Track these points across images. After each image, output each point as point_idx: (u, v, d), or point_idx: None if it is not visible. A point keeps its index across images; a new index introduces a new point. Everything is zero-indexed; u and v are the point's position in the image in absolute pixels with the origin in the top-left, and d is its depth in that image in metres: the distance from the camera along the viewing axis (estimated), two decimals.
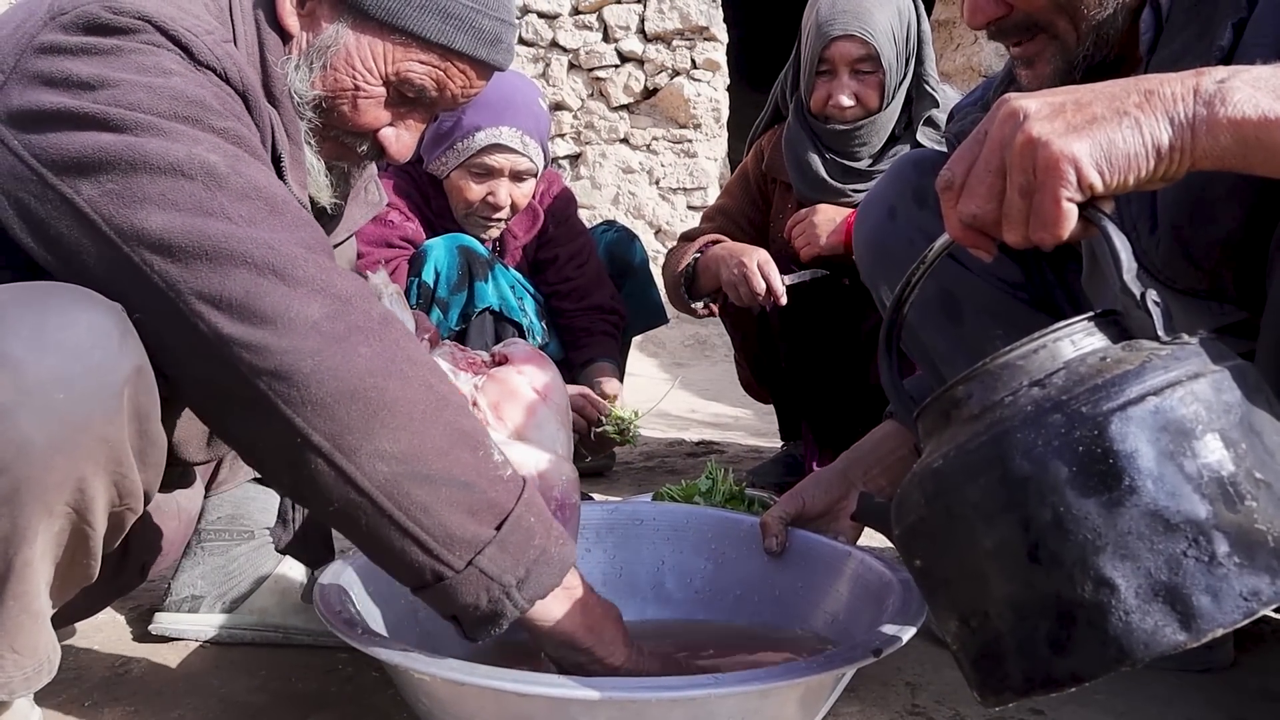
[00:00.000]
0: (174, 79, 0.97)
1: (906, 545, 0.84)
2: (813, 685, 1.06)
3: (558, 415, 1.34)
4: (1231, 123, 0.75)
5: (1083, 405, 0.72)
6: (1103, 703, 1.27)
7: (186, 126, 0.96)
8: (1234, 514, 0.68)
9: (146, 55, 0.98)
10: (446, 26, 1.17)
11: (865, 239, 1.58)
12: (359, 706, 1.29)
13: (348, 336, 0.92)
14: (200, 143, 0.95)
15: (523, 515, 0.97)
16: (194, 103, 0.97)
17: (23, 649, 0.98)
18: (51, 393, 0.88)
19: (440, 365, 1.32)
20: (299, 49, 1.18)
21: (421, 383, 0.95)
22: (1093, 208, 0.79)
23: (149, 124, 0.94)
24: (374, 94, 1.20)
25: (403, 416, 0.92)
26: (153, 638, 1.48)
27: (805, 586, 1.39)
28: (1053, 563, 0.71)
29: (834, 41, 2.22)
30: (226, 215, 0.93)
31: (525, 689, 0.96)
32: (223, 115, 0.99)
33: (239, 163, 0.96)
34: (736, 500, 1.81)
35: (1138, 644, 0.69)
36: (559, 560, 1.00)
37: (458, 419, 0.96)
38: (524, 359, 1.39)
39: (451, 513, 0.94)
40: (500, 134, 2.22)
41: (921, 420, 0.88)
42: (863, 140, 2.30)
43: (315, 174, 1.23)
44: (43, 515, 0.91)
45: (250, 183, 0.95)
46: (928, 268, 0.92)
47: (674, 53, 6.11)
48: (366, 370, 0.91)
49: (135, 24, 0.98)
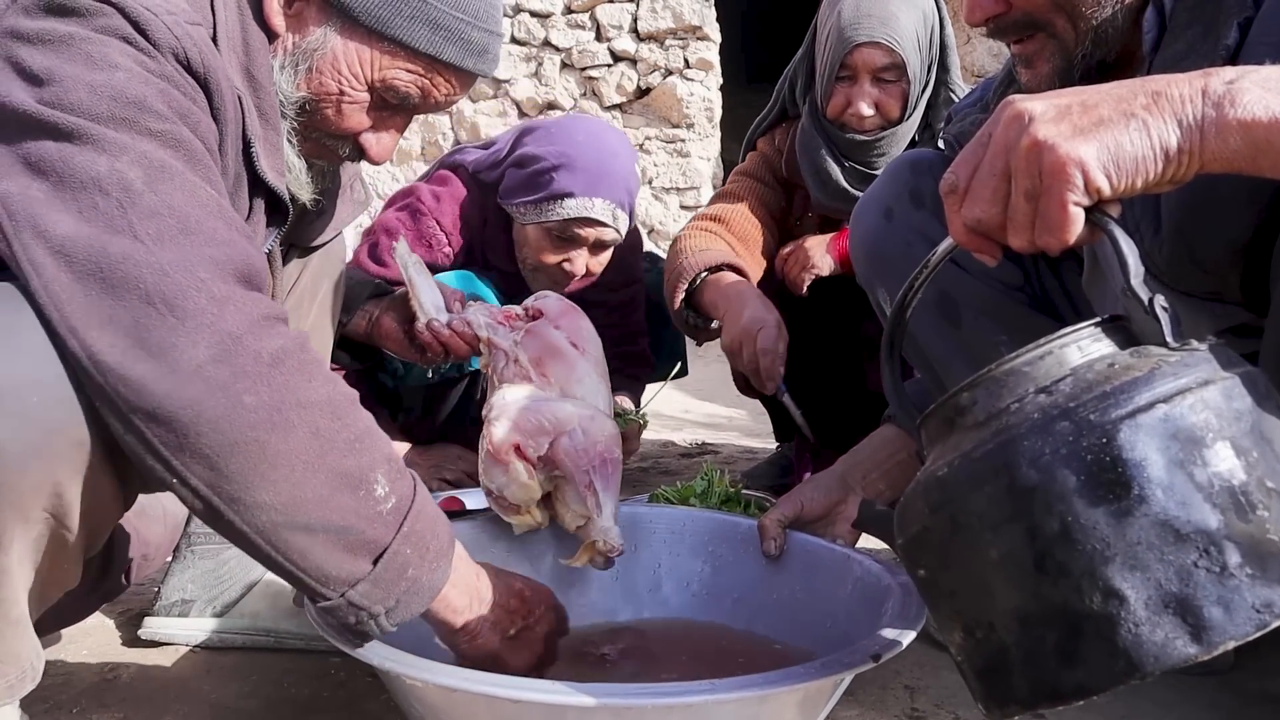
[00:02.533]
0: (118, 74, 0.94)
1: (910, 555, 0.83)
2: (811, 690, 1.05)
3: (596, 369, 1.35)
4: (1241, 125, 0.74)
5: (1091, 413, 0.70)
6: (1103, 707, 1.26)
7: (118, 131, 0.92)
8: (1245, 524, 0.67)
9: (96, 45, 0.95)
10: (435, 37, 1.16)
11: (861, 241, 1.57)
12: (352, 712, 1.28)
13: (232, 384, 0.87)
14: (126, 152, 0.91)
15: (399, 549, 0.97)
16: (132, 103, 0.94)
17: (3, 657, 0.97)
18: (25, 396, 0.86)
19: (479, 320, 1.32)
20: (284, 49, 1.17)
21: (308, 429, 0.91)
22: (1099, 212, 0.78)
23: (82, 131, 0.91)
24: (358, 99, 1.19)
25: (284, 469, 0.90)
26: (142, 643, 1.47)
27: (803, 590, 1.38)
28: (1060, 573, 0.70)
29: (858, 48, 2.08)
30: (134, 233, 0.89)
31: (519, 695, 0.95)
32: (161, 116, 0.96)
33: (160, 177, 0.92)
34: (733, 502, 1.80)
35: (1147, 656, 0.68)
36: (429, 588, 1.00)
37: (342, 461, 0.93)
38: (558, 313, 1.39)
39: (328, 554, 0.94)
40: (592, 206, 2.06)
41: (925, 427, 0.86)
42: (882, 152, 2.18)
43: (296, 172, 1.23)
44: (19, 521, 0.90)
45: (165, 200, 0.91)
46: (931, 272, 0.91)
47: (667, 52, 6.10)
48: (249, 423, 0.88)
49: (93, 6, 0.96)
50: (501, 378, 1.36)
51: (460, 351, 1.43)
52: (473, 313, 1.40)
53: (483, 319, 1.37)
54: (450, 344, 1.44)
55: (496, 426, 1.26)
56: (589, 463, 1.27)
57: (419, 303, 1.45)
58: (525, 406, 1.27)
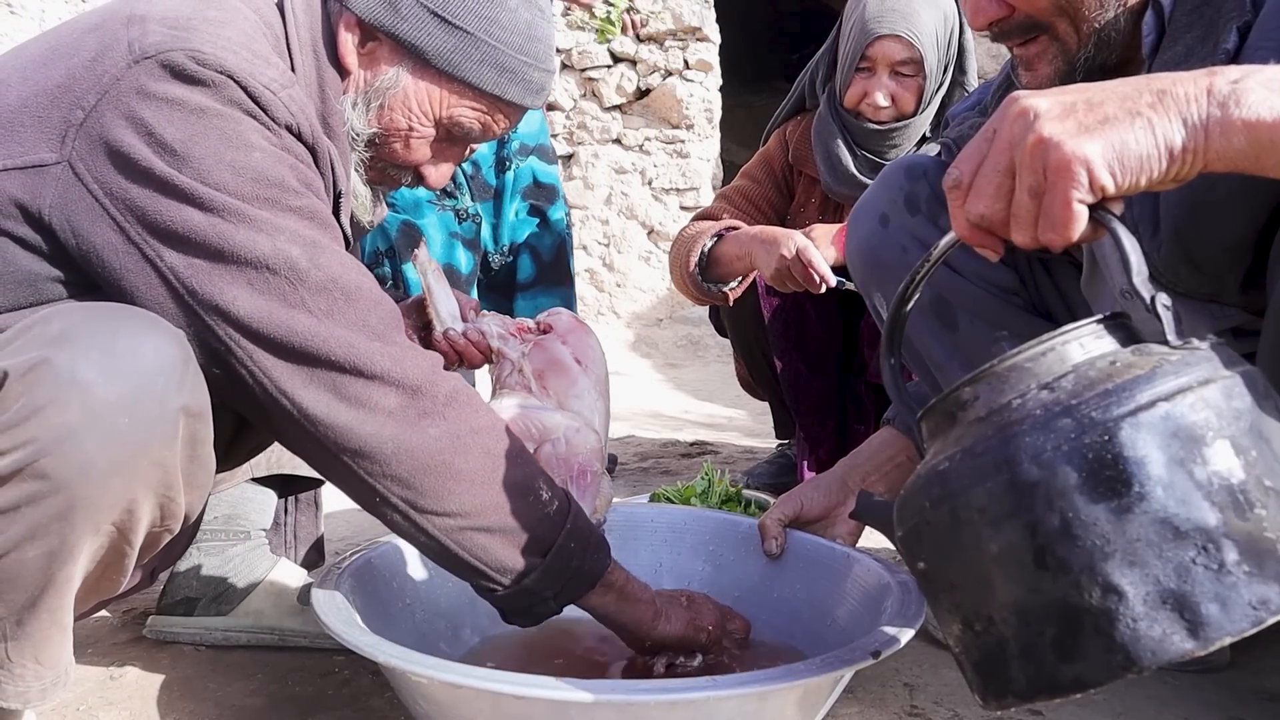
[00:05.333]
0: (255, 155, 1.03)
1: (909, 547, 0.83)
2: (811, 687, 1.05)
3: (597, 386, 1.39)
4: (1246, 124, 0.74)
5: (1093, 410, 0.71)
6: (1100, 703, 1.27)
7: (268, 212, 1.02)
8: (1243, 522, 0.68)
9: (228, 121, 1.02)
10: (501, 79, 1.22)
11: (857, 247, 1.57)
12: (356, 709, 1.29)
13: (419, 421, 1.04)
14: (282, 232, 1.01)
15: (564, 545, 1.11)
16: (274, 184, 1.03)
17: (46, 660, 1.00)
18: (117, 417, 0.91)
19: (491, 330, 1.38)
20: (356, 87, 1.22)
21: (481, 451, 1.07)
22: (1103, 209, 0.78)
23: (234, 209, 1.00)
24: (425, 134, 1.25)
25: (465, 483, 1.06)
26: (147, 641, 1.47)
27: (804, 588, 1.39)
28: (1060, 568, 0.71)
29: (878, 40, 2.18)
30: (308, 308, 1.02)
31: (523, 691, 0.95)
32: (298, 193, 1.05)
33: (318, 252, 1.03)
34: (733, 501, 1.81)
35: (1145, 651, 0.68)
36: (589, 574, 1.15)
37: (512, 473, 1.09)
38: (567, 329, 1.42)
39: (505, 550, 1.09)
40: None
41: (925, 422, 0.87)
42: (895, 143, 2.28)
43: (363, 199, 1.29)
44: (90, 534, 0.94)
45: (328, 275, 1.03)
46: (932, 266, 0.91)
47: (666, 53, 6.11)
48: (436, 449, 1.04)
49: (217, 78, 1.02)
50: (504, 385, 1.38)
51: (475, 360, 1.45)
52: (486, 323, 1.44)
53: (495, 329, 1.41)
54: (466, 353, 1.46)
55: None
56: (567, 472, 1.29)
57: (436, 311, 1.46)
58: (516, 413, 1.30)
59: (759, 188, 2.48)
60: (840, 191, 2.31)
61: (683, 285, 2.34)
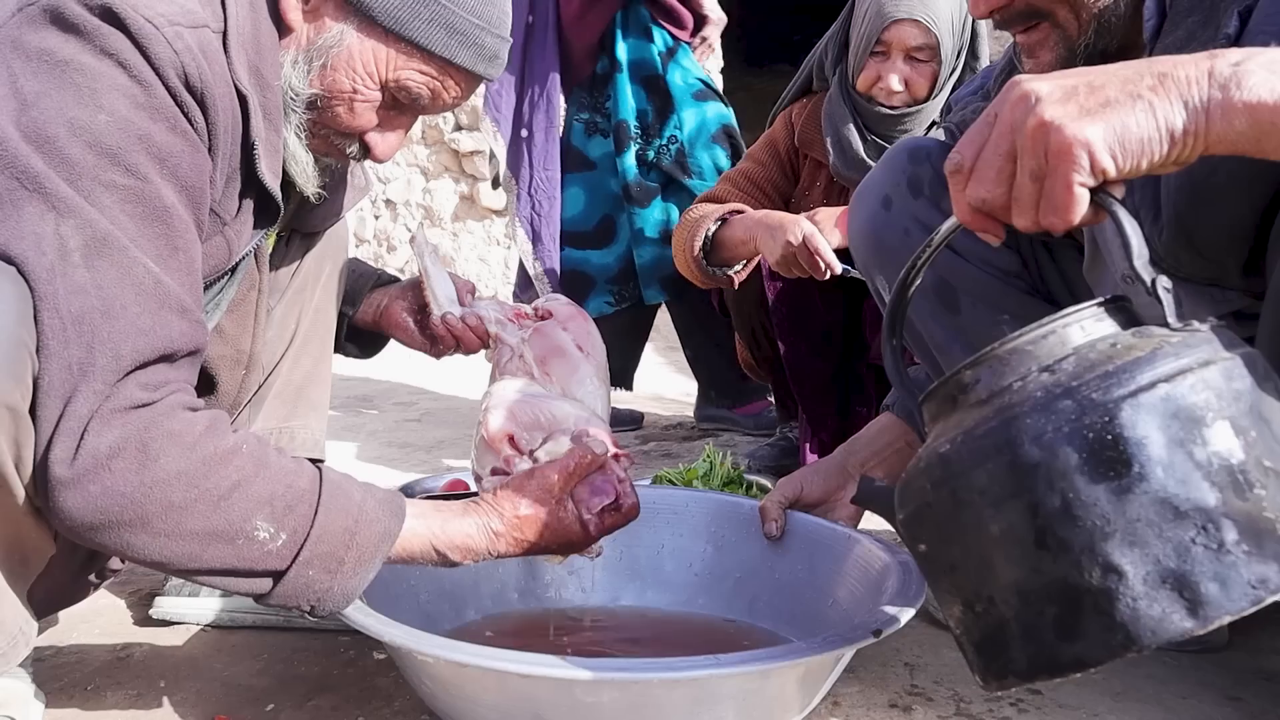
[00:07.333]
0: (100, 116, 0.97)
1: (911, 529, 0.84)
2: (813, 666, 1.07)
3: (598, 373, 1.39)
4: (1247, 107, 0.74)
5: (1093, 391, 0.72)
6: (1099, 683, 1.28)
7: (81, 186, 0.96)
8: (1243, 502, 0.69)
9: (88, 76, 0.98)
10: (451, 41, 1.18)
11: (860, 230, 1.57)
12: (362, 689, 1.30)
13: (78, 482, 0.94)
14: (75, 215, 0.95)
15: (300, 573, 1.04)
16: (106, 153, 0.97)
17: None
18: None
19: (489, 315, 1.37)
20: (297, 44, 1.18)
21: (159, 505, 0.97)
22: (1104, 193, 0.78)
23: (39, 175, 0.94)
24: (370, 98, 1.20)
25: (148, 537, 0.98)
26: (154, 622, 1.48)
27: (805, 569, 1.40)
28: (1061, 549, 0.72)
29: (895, 24, 2.15)
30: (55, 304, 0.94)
31: (528, 670, 0.96)
32: (133, 170, 0.99)
33: (99, 251, 0.96)
34: (735, 484, 1.82)
35: (1145, 630, 0.69)
36: (345, 593, 1.07)
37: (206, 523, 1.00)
38: (567, 316, 1.42)
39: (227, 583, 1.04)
40: None
41: (927, 405, 0.88)
42: (906, 128, 2.26)
43: (304, 165, 1.24)
44: None
45: (95, 278, 0.95)
46: (934, 251, 0.92)
47: None
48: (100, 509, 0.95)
49: (96, 24, 0.98)
50: (504, 370, 1.38)
51: (471, 345, 1.45)
52: (483, 307, 1.43)
53: (493, 314, 1.41)
54: (463, 338, 1.46)
55: (492, 415, 1.28)
56: None
57: (434, 295, 1.47)
58: (524, 400, 1.29)
59: (764, 170, 2.46)
60: (848, 175, 2.29)
61: (687, 268, 2.33)
